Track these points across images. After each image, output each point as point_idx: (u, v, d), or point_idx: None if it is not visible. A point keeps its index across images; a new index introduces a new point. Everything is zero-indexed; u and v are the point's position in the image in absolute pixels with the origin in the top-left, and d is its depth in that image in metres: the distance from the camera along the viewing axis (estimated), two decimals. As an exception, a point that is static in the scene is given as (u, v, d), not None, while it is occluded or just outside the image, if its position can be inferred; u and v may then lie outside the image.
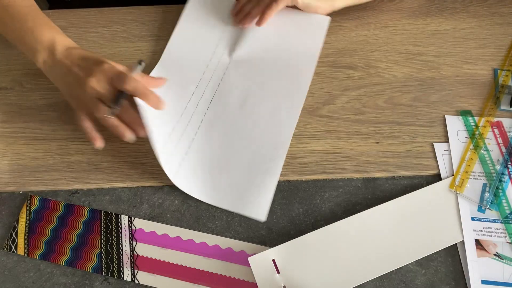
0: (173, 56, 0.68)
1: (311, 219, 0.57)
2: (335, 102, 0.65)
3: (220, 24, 0.71)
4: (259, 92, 0.65)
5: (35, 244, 0.56)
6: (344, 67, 0.68)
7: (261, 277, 0.52)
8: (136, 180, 0.60)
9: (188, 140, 0.61)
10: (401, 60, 0.69)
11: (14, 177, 0.60)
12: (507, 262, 0.53)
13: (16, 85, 0.68)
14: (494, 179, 0.57)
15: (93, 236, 0.56)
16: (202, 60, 0.68)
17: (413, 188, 0.58)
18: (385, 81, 0.67)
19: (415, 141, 0.62)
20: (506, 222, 0.55)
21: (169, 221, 0.57)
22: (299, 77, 0.66)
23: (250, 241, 0.56)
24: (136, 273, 0.54)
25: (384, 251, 0.54)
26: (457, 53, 0.69)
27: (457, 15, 0.73)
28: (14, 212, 0.58)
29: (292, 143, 0.61)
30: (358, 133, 0.62)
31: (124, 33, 0.73)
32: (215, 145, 0.61)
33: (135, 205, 0.59)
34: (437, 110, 0.64)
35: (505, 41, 0.70)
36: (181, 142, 0.60)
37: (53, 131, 0.64)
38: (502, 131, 0.61)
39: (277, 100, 0.64)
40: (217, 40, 0.70)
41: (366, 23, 0.72)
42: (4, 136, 0.64)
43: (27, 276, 0.54)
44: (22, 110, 0.66)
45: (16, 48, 0.72)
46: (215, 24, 0.71)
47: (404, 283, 0.53)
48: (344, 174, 0.59)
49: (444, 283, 0.53)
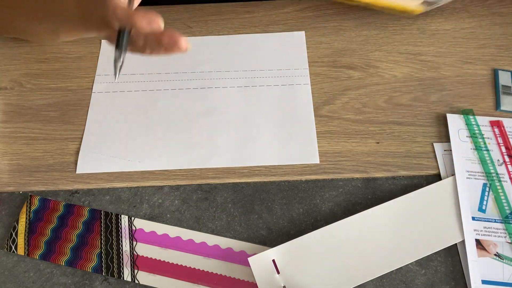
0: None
1: (311, 219, 0.57)
2: (335, 102, 0.65)
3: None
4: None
5: (35, 244, 0.56)
6: (344, 67, 0.68)
7: (261, 277, 0.52)
8: (136, 180, 0.60)
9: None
10: (401, 60, 0.69)
11: (14, 177, 0.60)
12: (508, 262, 0.53)
13: (16, 85, 0.68)
14: (494, 179, 0.57)
15: (93, 236, 0.56)
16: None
17: (413, 188, 0.58)
18: (385, 81, 0.67)
19: (415, 141, 0.62)
20: (506, 222, 0.55)
21: (169, 221, 0.57)
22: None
23: (250, 241, 0.55)
24: (136, 273, 0.54)
25: (384, 251, 0.54)
26: (457, 53, 0.69)
27: (457, 15, 0.73)
28: (14, 212, 0.58)
29: (292, 143, 0.62)
30: (358, 133, 0.62)
31: (124, 33, 0.73)
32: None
33: (135, 205, 0.59)
34: (437, 110, 0.64)
35: (505, 41, 0.70)
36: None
37: (53, 131, 0.64)
38: (502, 131, 0.61)
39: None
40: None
41: (366, 23, 0.72)
42: (4, 136, 0.64)
43: (27, 276, 0.54)
44: (22, 110, 0.66)
45: (16, 48, 0.72)
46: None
47: (404, 283, 0.53)
48: (344, 174, 0.59)
49: (444, 283, 0.52)
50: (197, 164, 0.60)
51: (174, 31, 0.46)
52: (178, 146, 0.61)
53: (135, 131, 0.63)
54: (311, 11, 0.75)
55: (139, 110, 0.65)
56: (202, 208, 0.58)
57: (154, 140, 0.62)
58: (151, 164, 0.60)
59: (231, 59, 0.69)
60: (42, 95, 0.67)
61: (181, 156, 0.61)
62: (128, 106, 0.65)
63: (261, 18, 0.75)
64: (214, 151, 0.61)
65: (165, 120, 0.64)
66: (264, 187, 0.59)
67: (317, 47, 0.71)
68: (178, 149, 0.61)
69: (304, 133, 0.62)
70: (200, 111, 0.64)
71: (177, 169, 0.60)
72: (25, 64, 0.70)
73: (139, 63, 0.66)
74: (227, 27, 0.74)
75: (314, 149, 0.61)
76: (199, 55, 0.70)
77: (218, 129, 0.63)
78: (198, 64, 0.69)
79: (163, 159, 0.60)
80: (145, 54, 0.49)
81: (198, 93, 0.66)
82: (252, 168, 0.60)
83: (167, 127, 0.63)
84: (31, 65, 0.70)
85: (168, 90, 0.66)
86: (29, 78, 0.69)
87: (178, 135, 0.62)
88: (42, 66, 0.70)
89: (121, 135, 0.62)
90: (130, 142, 0.62)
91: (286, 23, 0.74)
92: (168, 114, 0.64)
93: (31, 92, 0.68)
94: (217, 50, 0.70)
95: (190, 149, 0.61)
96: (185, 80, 0.67)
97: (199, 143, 0.62)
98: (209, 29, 0.74)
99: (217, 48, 0.71)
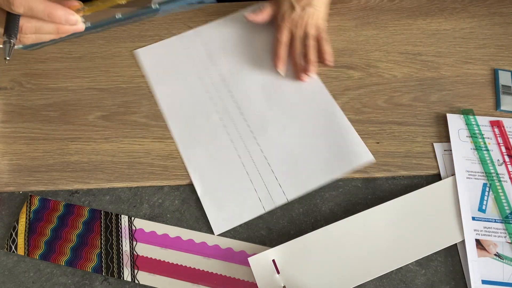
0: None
1: (311, 219, 0.57)
2: (335, 102, 0.65)
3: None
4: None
5: (35, 244, 0.56)
6: (344, 67, 0.68)
7: (261, 277, 0.52)
8: (136, 180, 0.60)
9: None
10: (401, 60, 0.69)
11: (14, 177, 0.60)
12: (508, 262, 0.53)
13: (16, 85, 0.68)
14: (494, 179, 0.57)
15: (93, 236, 0.56)
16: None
17: (413, 188, 0.58)
18: (385, 81, 0.67)
19: (415, 141, 0.62)
20: (506, 222, 0.55)
21: (169, 221, 0.57)
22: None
23: (250, 241, 0.55)
24: (136, 273, 0.54)
25: (384, 251, 0.54)
26: (457, 53, 0.69)
27: (457, 15, 0.73)
28: (14, 212, 0.58)
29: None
30: (358, 133, 0.62)
31: (124, 33, 0.73)
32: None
33: (135, 205, 0.59)
34: (437, 110, 0.64)
35: (505, 41, 0.70)
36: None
37: (53, 131, 0.64)
38: (502, 131, 0.61)
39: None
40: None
41: (366, 23, 0.72)
42: (4, 136, 0.64)
43: (27, 276, 0.54)
44: (22, 110, 0.66)
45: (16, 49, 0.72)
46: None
47: (404, 283, 0.53)
48: (344, 174, 0.59)
49: (444, 283, 0.52)
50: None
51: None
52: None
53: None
54: (311, 11, 0.75)
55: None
56: (202, 208, 0.58)
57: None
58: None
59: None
60: (42, 95, 0.67)
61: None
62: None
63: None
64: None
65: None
66: (264, 187, 0.59)
67: (317, 47, 0.71)
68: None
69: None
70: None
71: (177, 169, 0.60)
72: (25, 64, 0.70)
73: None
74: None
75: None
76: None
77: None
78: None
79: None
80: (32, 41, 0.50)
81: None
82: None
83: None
84: (31, 65, 0.70)
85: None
86: (29, 78, 0.69)
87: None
88: (42, 66, 0.70)
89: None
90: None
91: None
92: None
93: (31, 92, 0.68)
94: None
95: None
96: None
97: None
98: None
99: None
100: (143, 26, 0.74)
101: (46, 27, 0.50)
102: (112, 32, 0.73)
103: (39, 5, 0.47)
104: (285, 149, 0.61)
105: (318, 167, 0.59)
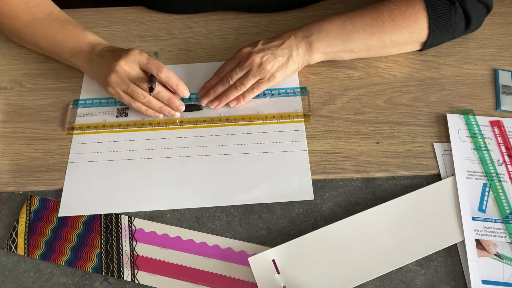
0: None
1: (311, 219, 0.57)
2: (335, 102, 0.65)
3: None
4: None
5: (35, 244, 0.56)
6: (344, 67, 0.68)
7: (261, 277, 0.52)
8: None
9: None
10: (401, 60, 0.69)
11: (14, 177, 0.60)
12: (508, 262, 0.53)
13: (16, 85, 0.68)
14: (494, 179, 0.57)
15: (93, 236, 0.56)
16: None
17: (413, 188, 0.58)
18: (385, 81, 0.67)
19: (415, 141, 0.62)
20: (506, 222, 0.55)
21: (169, 221, 0.57)
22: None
23: (250, 241, 0.55)
24: (136, 273, 0.54)
25: (384, 251, 0.54)
26: (457, 53, 0.69)
27: (457, 15, 0.73)
28: (14, 212, 0.58)
29: (292, 143, 0.61)
30: (358, 133, 0.62)
31: (124, 33, 0.73)
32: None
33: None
34: (437, 110, 0.64)
35: (505, 41, 0.70)
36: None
37: (53, 131, 0.64)
38: (502, 131, 0.61)
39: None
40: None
41: (366, 23, 0.72)
42: (4, 136, 0.64)
43: (27, 276, 0.54)
44: (22, 110, 0.66)
45: (16, 49, 0.72)
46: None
47: (404, 283, 0.53)
48: (344, 174, 0.59)
49: (444, 283, 0.52)
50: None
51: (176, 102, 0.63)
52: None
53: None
54: (311, 11, 0.75)
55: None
56: (202, 208, 0.58)
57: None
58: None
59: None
60: (42, 95, 0.67)
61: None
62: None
63: (261, 18, 0.75)
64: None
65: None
66: (264, 187, 0.59)
67: (317, 47, 0.71)
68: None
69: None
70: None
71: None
72: (25, 64, 0.70)
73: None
74: (227, 27, 0.74)
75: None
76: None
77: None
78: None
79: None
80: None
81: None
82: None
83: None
84: (31, 65, 0.70)
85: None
86: (29, 78, 0.69)
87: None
88: (42, 66, 0.70)
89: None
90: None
91: (286, 23, 0.74)
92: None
93: (31, 92, 0.68)
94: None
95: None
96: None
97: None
98: (209, 29, 0.74)
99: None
100: (143, 26, 0.74)
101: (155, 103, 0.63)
102: (112, 32, 0.73)
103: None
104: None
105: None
